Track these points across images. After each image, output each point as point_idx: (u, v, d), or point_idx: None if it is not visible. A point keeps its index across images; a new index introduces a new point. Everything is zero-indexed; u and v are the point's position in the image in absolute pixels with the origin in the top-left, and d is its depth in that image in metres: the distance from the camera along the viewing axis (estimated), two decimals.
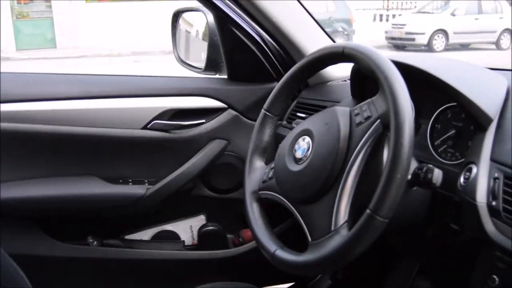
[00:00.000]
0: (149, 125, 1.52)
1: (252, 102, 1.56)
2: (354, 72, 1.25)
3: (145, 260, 1.65)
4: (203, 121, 1.55)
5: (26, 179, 1.52)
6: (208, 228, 1.68)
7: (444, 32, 13.32)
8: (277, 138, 1.25)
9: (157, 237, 1.68)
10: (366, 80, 1.22)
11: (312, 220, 0.97)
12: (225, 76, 1.64)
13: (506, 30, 13.97)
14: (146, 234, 1.68)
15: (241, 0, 1.40)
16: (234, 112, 1.57)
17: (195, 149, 1.57)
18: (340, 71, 1.50)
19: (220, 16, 1.47)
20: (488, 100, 1.00)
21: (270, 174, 1.11)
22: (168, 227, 1.68)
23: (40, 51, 12.88)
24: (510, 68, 1.28)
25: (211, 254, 1.67)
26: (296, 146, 1.04)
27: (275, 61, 1.53)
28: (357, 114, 0.97)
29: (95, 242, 1.63)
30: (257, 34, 1.50)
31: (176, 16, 1.74)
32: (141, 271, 1.66)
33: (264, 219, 1.11)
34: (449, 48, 13.29)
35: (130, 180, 1.57)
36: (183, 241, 1.70)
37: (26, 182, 1.51)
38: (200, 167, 1.56)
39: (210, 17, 1.57)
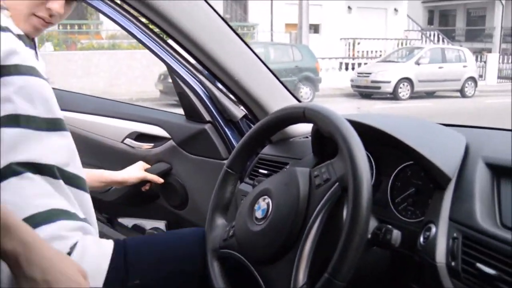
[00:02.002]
0: (124, 140, 1.94)
1: (186, 137, 1.80)
2: (314, 131, 1.27)
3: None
4: (153, 145, 1.89)
5: None
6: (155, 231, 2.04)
7: (409, 80, 13.58)
8: (239, 194, 1.24)
9: (135, 227, 2.08)
10: (326, 138, 1.23)
11: (271, 281, 0.96)
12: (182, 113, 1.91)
13: (470, 78, 14.44)
14: (129, 222, 2.10)
15: (204, 60, 1.44)
16: (173, 143, 1.84)
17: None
18: (302, 128, 1.51)
19: (168, 67, 1.74)
20: (446, 159, 1.01)
21: (231, 233, 1.10)
22: (143, 222, 2.08)
23: None
24: (468, 123, 1.30)
25: None
26: (256, 206, 1.04)
27: (210, 105, 1.72)
28: (316, 176, 0.97)
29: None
30: (197, 82, 1.72)
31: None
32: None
33: (224, 277, 1.10)
34: (414, 96, 13.58)
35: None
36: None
37: None
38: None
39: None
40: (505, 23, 20.93)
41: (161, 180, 1.80)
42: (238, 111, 1.66)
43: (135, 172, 1.73)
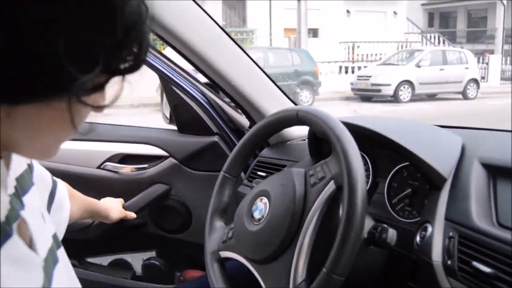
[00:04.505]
0: (102, 165, 1.73)
1: (191, 153, 1.67)
2: (310, 133, 1.28)
3: (100, 282, 1.80)
4: (146, 166, 1.72)
5: None
6: (150, 262, 1.86)
7: (410, 83, 13.57)
8: (238, 197, 1.25)
9: (113, 264, 1.89)
10: (322, 140, 1.24)
11: (270, 280, 0.98)
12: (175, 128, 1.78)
13: (472, 80, 14.41)
14: (105, 260, 1.89)
15: (200, 65, 1.44)
16: (174, 161, 1.69)
17: (138, 191, 1.72)
18: (299, 130, 1.53)
19: (162, 77, 1.62)
20: (441, 159, 1.03)
21: (230, 234, 1.12)
22: (125, 256, 1.90)
23: None
24: (470, 125, 1.31)
25: (154, 287, 1.82)
26: (254, 207, 1.06)
27: (216, 117, 1.64)
28: (311, 175, 0.99)
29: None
30: (198, 92, 1.63)
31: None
32: None
33: (225, 279, 1.11)
34: (415, 98, 13.57)
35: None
36: (134, 271, 1.89)
37: None
38: (138, 206, 1.69)
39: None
40: (507, 24, 20.91)
41: (133, 216, 1.49)
42: (245, 120, 1.63)
43: (117, 210, 1.42)
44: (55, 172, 1.46)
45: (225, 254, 1.12)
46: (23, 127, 0.54)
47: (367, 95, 13.90)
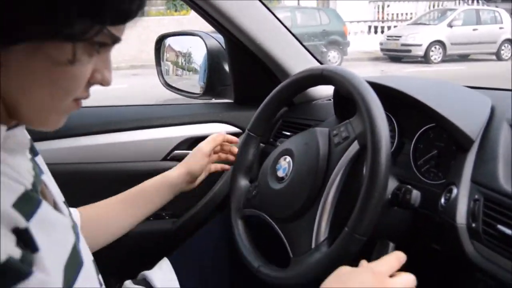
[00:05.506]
0: (169, 155, 1.51)
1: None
2: (335, 92, 1.27)
3: None
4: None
5: None
6: None
7: (441, 43, 13.29)
8: (263, 156, 1.25)
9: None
10: (347, 100, 1.23)
11: (293, 238, 0.99)
12: (229, 100, 1.63)
13: (506, 40, 13.91)
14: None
15: (226, 24, 1.40)
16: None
17: (213, 178, 1.50)
18: (325, 90, 1.51)
19: (232, 40, 1.46)
20: (468, 121, 1.00)
21: (254, 192, 1.13)
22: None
23: None
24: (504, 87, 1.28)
25: None
26: (278, 166, 1.07)
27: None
28: (335, 135, 0.99)
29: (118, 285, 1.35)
30: (263, 57, 1.48)
31: (160, 41, 1.71)
32: None
33: (249, 235, 1.13)
34: (447, 59, 13.27)
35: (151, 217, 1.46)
36: None
37: None
38: (222, 195, 1.51)
39: (209, 41, 1.56)
40: None
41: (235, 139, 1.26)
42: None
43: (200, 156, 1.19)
44: (114, 174, 1.40)
45: (249, 211, 1.14)
46: (16, 77, 0.54)
47: (396, 55, 13.66)
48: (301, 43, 1.53)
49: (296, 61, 1.49)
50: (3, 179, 0.55)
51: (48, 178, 0.75)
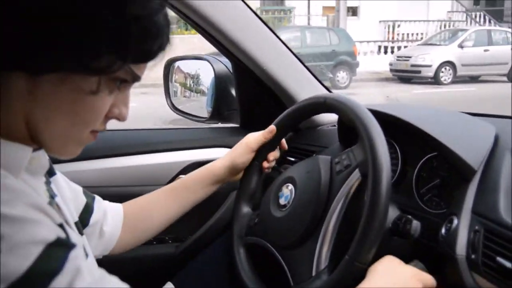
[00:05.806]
0: (174, 180, 1.44)
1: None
2: (340, 119, 1.28)
3: None
4: None
5: None
6: None
7: (452, 64, 13.24)
8: (267, 181, 1.26)
9: None
10: (351, 127, 1.24)
11: (294, 265, 1.00)
12: (235, 125, 1.65)
13: None
14: None
15: (232, 49, 1.41)
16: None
17: (217, 202, 1.53)
18: (331, 115, 1.51)
19: (238, 65, 1.48)
20: (471, 150, 1.00)
21: (256, 220, 1.14)
22: None
23: None
24: None
25: None
26: (280, 193, 1.08)
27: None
28: (337, 163, 1.00)
29: None
30: (269, 82, 1.49)
31: (169, 65, 1.72)
32: None
33: (250, 263, 1.14)
34: (457, 80, 13.19)
35: (154, 241, 1.47)
36: None
37: None
38: (226, 220, 1.50)
39: (217, 66, 1.58)
40: None
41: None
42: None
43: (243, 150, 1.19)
44: (119, 198, 1.23)
45: (250, 239, 1.14)
46: (42, 104, 0.59)
47: (406, 76, 13.63)
48: (307, 68, 1.54)
49: (301, 86, 1.50)
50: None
51: (61, 200, 0.78)
